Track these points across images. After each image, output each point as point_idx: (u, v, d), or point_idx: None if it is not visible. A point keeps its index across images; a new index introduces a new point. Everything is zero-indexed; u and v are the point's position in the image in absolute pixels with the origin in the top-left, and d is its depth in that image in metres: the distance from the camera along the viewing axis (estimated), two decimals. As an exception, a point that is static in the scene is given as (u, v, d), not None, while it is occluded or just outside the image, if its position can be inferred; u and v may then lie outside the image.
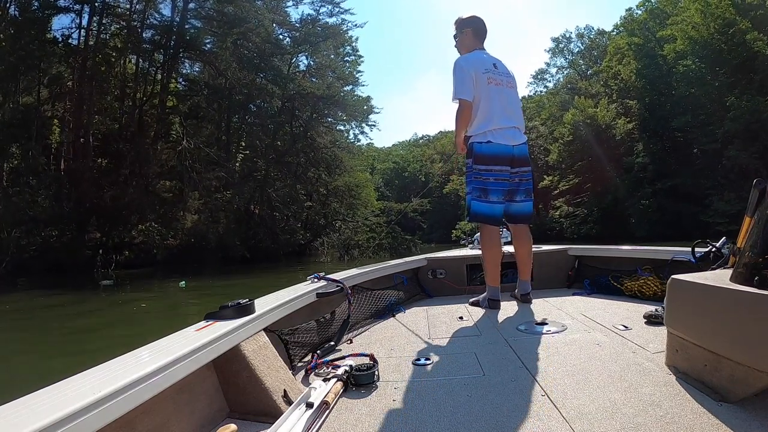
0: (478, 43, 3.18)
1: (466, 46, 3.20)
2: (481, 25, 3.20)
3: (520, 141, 3.07)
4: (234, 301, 1.71)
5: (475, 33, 3.18)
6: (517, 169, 3.05)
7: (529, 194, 3.16)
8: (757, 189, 1.76)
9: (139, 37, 22.51)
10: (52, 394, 0.98)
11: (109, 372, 1.10)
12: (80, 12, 20.70)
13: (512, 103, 3.09)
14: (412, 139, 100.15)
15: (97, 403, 0.94)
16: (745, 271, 1.39)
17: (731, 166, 27.10)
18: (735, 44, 28.13)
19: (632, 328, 2.27)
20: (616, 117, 37.76)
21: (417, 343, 2.34)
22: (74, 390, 0.99)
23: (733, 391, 1.35)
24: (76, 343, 6.55)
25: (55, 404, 0.91)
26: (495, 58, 3.12)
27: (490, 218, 3.05)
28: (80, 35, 20.82)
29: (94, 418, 0.93)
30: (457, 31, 3.24)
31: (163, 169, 21.28)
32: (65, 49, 20.61)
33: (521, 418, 1.38)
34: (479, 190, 3.01)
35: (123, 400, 1.01)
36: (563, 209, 42.04)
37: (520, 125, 3.09)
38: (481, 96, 2.99)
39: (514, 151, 3.01)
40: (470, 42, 3.19)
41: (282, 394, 1.55)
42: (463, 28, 3.21)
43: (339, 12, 29.01)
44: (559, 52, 54.49)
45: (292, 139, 27.93)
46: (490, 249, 3.12)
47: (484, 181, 2.99)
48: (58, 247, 17.40)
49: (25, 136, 18.04)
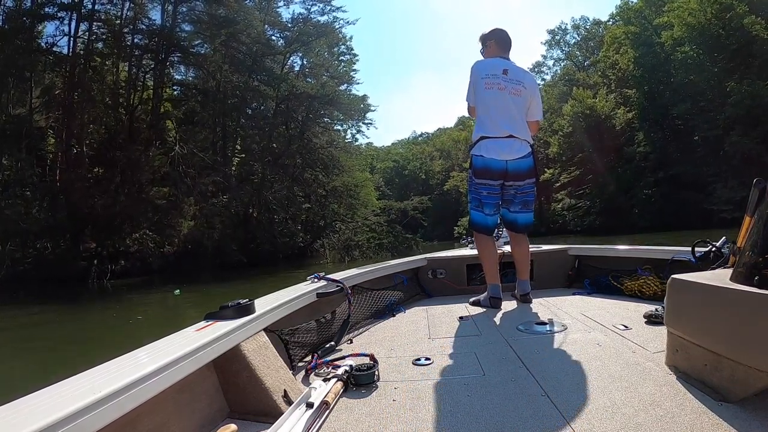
0: (501, 53, 3.17)
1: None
2: (503, 35, 3.19)
3: (517, 155, 2.98)
4: (234, 301, 1.73)
5: (498, 44, 3.18)
6: (511, 182, 3.02)
7: (526, 206, 3.15)
8: (757, 188, 1.74)
9: (125, 43, 22.30)
10: (52, 394, 0.98)
11: (109, 372, 1.11)
12: (69, 19, 20.48)
13: (512, 110, 2.99)
14: (411, 137, 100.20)
15: (98, 403, 0.94)
16: (745, 271, 1.39)
17: (733, 152, 26.95)
18: (733, 29, 28.02)
19: (632, 327, 2.26)
20: (616, 107, 37.73)
21: (417, 343, 2.35)
22: (74, 390, 0.99)
23: (733, 390, 1.35)
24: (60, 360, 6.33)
25: (55, 404, 0.91)
26: (511, 65, 3.07)
27: (483, 228, 3.15)
28: (69, 43, 20.65)
29: (95, 418, 0.93)
30: (482, 46, 3.27)
31: (156, 176, 21.03)
32: (52, 57, 20.41)
33: (521, 417, 1.38)
34: (477, 201, 3.11)
35: (123, 400, 1.02)
36: (565, 202, 41.89)
37: (520, 134, 2.99)
38: (477, 101, 3.06)
39: (508, 167, 2.97)
40: (494, 54, 3.19)
41: (282, 394, 1.56)
42: (486, 41, 3.23)
43: (331, 10, 28.79)
44: (555, 44, 54.54)
45: (288, 141, 27.76)
46: (484, 250, 3.17)
47: (479, 193, 3.08)
48: (52, 258, 17.19)
49: (15, 146, 17.82)
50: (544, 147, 45.23)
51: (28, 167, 18.36)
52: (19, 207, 17.35)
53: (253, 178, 26.69)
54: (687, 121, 31.29)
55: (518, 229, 3.19)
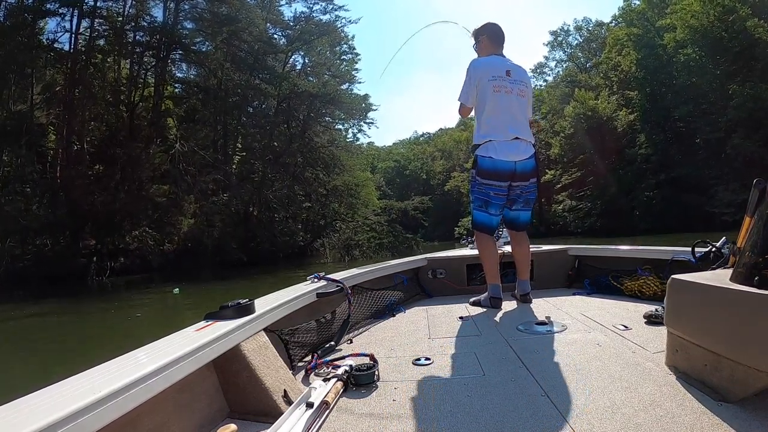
0: (495, 48, 3.17)
1: (485, 54, 3.22)
2: (496, 30, 3.18)
3: (524, 156, 3.02)
4: (234, 301, 1.72)
5: (490, 39, 3.17)
6: (518, 183, 3.04)
7: (527, 204, 3.17)
8: (757, 189, 1.74)
9: (127, 40, 22.26)
10: (52, 394, 0.98)
11: (109, 372, 1.11)
12: (71, 16, 20.43)
13: (520, 112, 3.04)
14: (413, 137, 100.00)
15: (98, 403, 0.94)
16: (745, 271, 1.39)
17: (735, 155, 26.89)
18: (735, 31, 27.97)
19: (632, 327, 2.26)
20: (617, 109, 37.62)
21: (417, 343, 2.34)
22: (74, 390, 0.99)
23: (733, 391, 1.35)
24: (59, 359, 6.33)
25: (55, 404, 0.90)
26: (512, 64, 3.09)
27: (487, 228, 3.13)
28: (71, 40, 20.61)
29: (95, 418, 0.93)
30: (475, 42, 3.27)
31: (156, 174, 20.98)
32: (53, 54, 20.37)
33: (521, 418, 1.38)
34: (481, 201, 3.08)
35: (123, 400, 1.01)
36: (566, 203, 41.77)
37: (525, 136, 3.04)
38: (485, 104, 3.00)
39: (516, 167, 2.99)
40: (488, 49, 3.18)
41: (282, 394, 1.56)
42: (479, 36, 3.21)
43: (333, 9, 28.83)
44: (557, 45, 54.36)
45: (289, 139, 27.72)
46: (485, 250, 3.17)
47: (485, 194, 3.05)
48: (52, 255, 17.15)
49: (15, 143, 17.79)
50: (545, 148, 45.14)
51: (29, 164, 18.32)
52: (19, 204, 17.32)
53: (253, 176, 26.68)
54: (689, 123, 31.20)
55: (519, 227, 3.21)
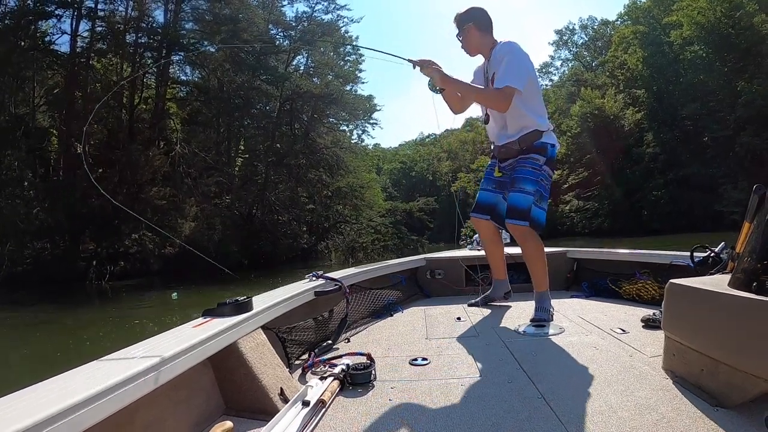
0: (486, 36, 2.80)
1: (475, 46, 2.85)
2: (482, 14, 2.79)
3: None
4: (231, 299, 1.72)
5: (478, 27, 2.78)
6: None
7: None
8: (756, 195, 1.75)
9: (127, 41, 22.19)
10: (48, 388, 0.97)
11: (105, 368, 1.10)
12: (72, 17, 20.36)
13: None
14: (419, 138, 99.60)
15: (94, 398, 0.94)
16: (743, 277, 1.40)
17: (744, 153, 26.61)
18: (742, 28, 27.74)
19: (630, 331, 2.26)
20: (624, 107, 37.37)
21: (414, 344, 2.35)
22: (71, 384, 0.99)
23: (729, 396, 1.36)
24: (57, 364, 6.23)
25: (51, 398, 0.90)
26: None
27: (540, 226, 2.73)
28: (70, 42, 20.52)
29: (91, 413, 0.93)
30: (459, 30, 2.83)
31: (157, 176, 20.86)
32: (51, 56, 20.30)
33: (517, 420, 1.39)
34: (540, 194, 2.69)
35: (120, 395, 1.01)
36: (573, 203, 41.37)
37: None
38: (537, 91, 2.82)
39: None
40: (477, 39, 2.81)
41: (278, 392, 1.56)
42: (463, 24, 2.79)
43: (335, 8, 28.74)
44: (563, 44, 54.25)
45: (292, 141, 27.57)
46: (488, 246, 3.18)
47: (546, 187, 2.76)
48: (51, 259, 17.01)
49: (15, 146, 17.73)
50: (551, 148, 44.84)
51: (29, 167, 18.23)
52: (19, 207, 17.20)
53: (256, 178, 26.50)
54: (696, 121, 30.90)
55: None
